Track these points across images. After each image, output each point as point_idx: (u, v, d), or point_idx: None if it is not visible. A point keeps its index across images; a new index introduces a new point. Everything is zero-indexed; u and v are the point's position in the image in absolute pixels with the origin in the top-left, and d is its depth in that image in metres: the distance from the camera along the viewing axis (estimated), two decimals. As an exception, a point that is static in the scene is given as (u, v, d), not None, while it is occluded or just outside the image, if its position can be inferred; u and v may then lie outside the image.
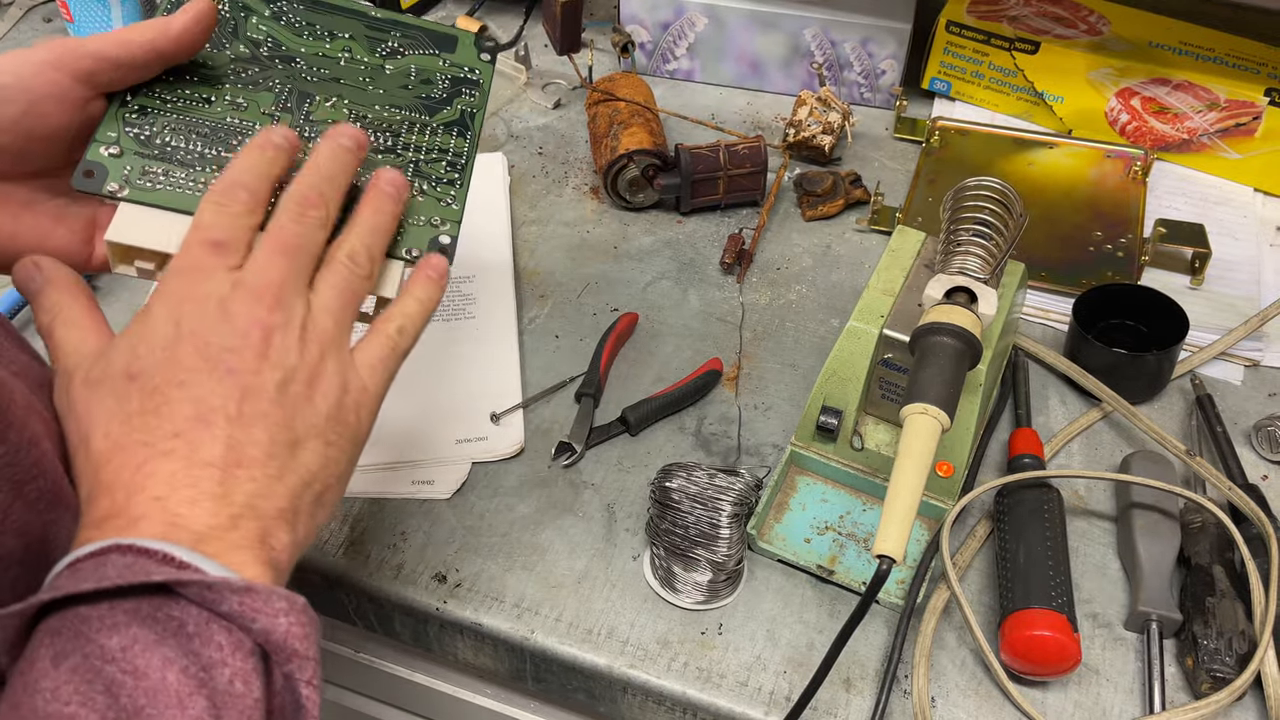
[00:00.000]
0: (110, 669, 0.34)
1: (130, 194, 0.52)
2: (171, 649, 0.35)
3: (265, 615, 0.37)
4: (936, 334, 0.58)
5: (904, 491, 0.53)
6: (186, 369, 0.41)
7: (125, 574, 0.35)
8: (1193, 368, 0.75)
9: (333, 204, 0.48)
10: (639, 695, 0.61)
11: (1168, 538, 0.63)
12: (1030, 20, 0.96)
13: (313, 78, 0.58)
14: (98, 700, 0.33)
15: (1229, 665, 0.57)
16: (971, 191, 0.64)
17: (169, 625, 0.36)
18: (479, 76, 0.61)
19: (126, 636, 0.35)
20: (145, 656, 0.35)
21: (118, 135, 0.53)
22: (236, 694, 0.36)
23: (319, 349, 0.45)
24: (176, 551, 0.37)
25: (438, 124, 0.59)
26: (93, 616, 0.35)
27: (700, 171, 0.86)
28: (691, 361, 0.77)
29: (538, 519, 0.67)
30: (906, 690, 0.59)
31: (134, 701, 0.34)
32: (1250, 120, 0.88)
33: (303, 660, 0.37)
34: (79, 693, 0.34)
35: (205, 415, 0.41)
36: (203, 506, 0.39)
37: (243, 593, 0.36)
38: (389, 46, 0.61)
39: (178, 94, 0.55)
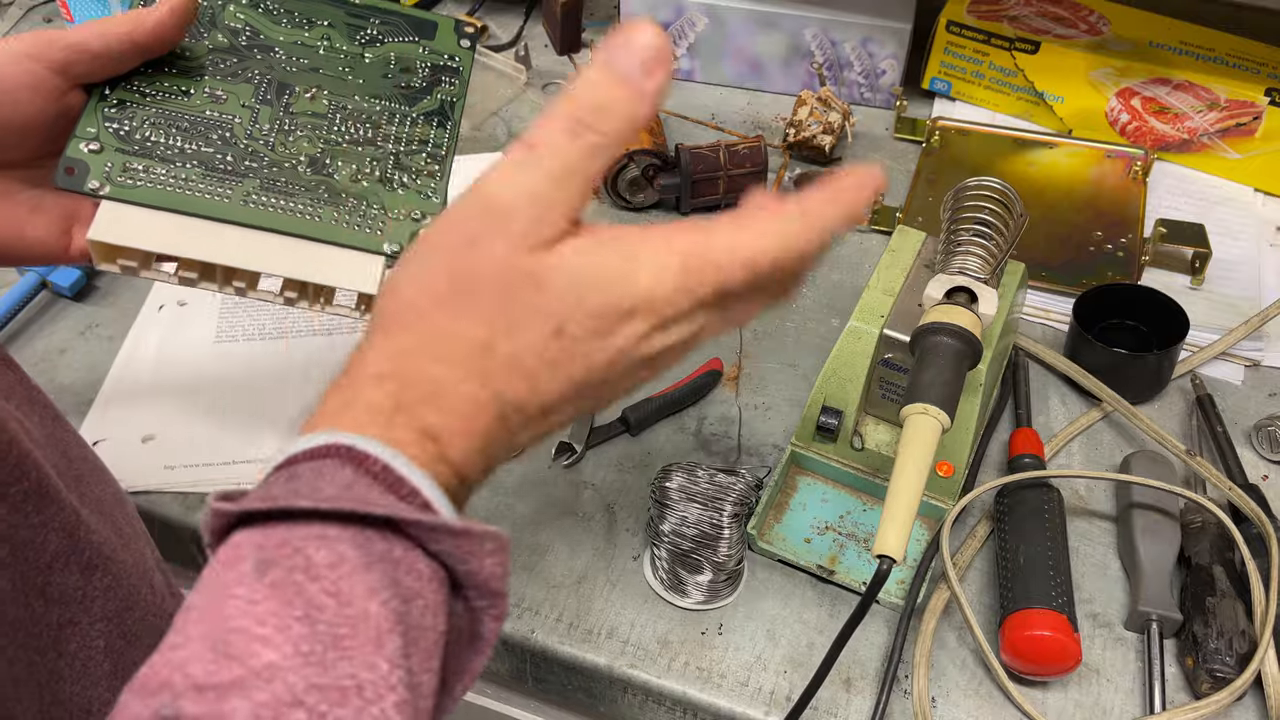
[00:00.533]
0: (314, 588, 0.32)
1: (112, 191, 0.52)
2: (378, 576, 0.33)
3: (475, 557, 0.35)
4: (937, 334, 0.58)
5: (904, 491, 0.53)
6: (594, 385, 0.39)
7: (344, 496, 0.33)
8: (1193, 368, 0.75)
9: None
10: (639, 695, 0.61)
11: (1168, 538, 0.63)
12: (1030, 20, 0.96)
13: (292, 68, 0.58)
14: (294, 629, 0.31)
15: (1229, 665, 0.57)
16: (972, 191, 0.64)
17: (378, 548, 0.33)
18: (459, 64, 0.60)
19: (335, 553, 0.32)
20: (351, 580, 0.32)
21: (97, 131, 0.53)
22: (425, 628, 0.34)
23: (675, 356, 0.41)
24: (396, 462, 0.34)
25: (418, 114, 0.58)
26: (301, 523, 0.33)
27: (700, 171, 0.86)
28: (691, 361, 0.77)
29: (538, 519, 0.67)
30: (907, 690, 0.59)
31: (334, 631, 0.31)
32: (1250, 120, 0.88)
33: (498, 599, 0.36)
34: (276, 614, 0.31)
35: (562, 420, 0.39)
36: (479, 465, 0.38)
37: (460, 535, 0.34)
38: (368, 34, 0.60)
39: (156, 86, 0.55)
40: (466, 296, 0.37)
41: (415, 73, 0.59)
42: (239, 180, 0.54)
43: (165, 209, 0.52)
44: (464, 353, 0.37)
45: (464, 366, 0.37)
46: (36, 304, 0.80)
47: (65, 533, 0.47)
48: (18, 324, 0.79)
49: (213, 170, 0.54)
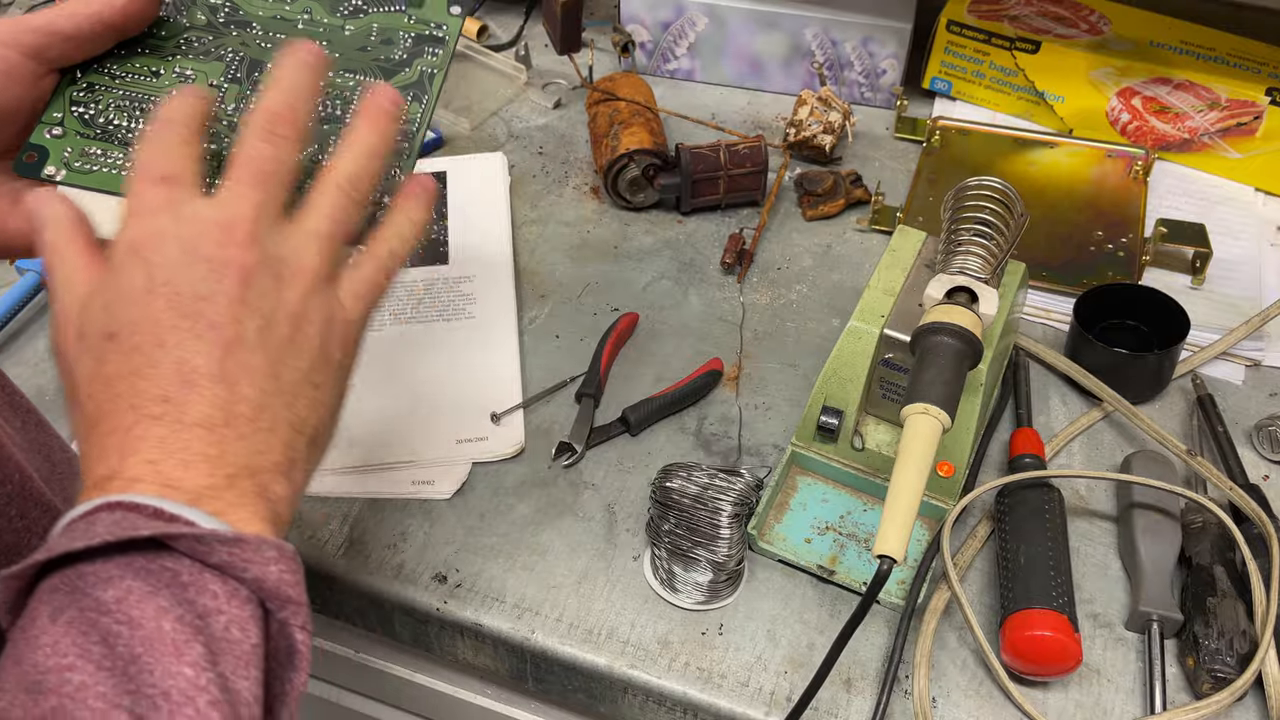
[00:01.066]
0: (106, 620, 0.34)
1: (67, 177, 0.51)
2: (166, 599, 0.35)
3: (256, 564, 0.37)
4: (937, 334, 0.58)
5: (905, 491, 0.53)
6: (165, 326, 0.40)
7: (114, 529, 0.35)
8: (1194, 367, 0.75)
9: (304, 122, 0.45)
10: (639, 695, 0.60)
11: (1169, 538, 0.63)
12: (1031, 20, 0.96)
13: (267, 44, 0.56)
14: (94, 651, 0.34)
15: (1230, 665, 0.57)
16: (972, 191, 0.64)
17: (163, 576, 0.36)
18: (445, 33, 0.58)
19: (121, 588, 0.35)
20: (140, 607, 0.35)
21: (62, 115, 0.52)
22: (233, 640, 0.36)
23: (301, 287, 0.42)
24: (166, 505, 0.37)
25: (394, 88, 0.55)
26: (88, 572, 0.35)
27: (700, 171, 0.86)
28: (692, 361, 0.77)
29: (538, 519, 0.67)
30: (907, 690, 0.59)
31: (130, 650, 0.34)
32: (1251, 120, 0.88)
33: (295, 606, 0.38)
34: (76, 645, 0.34)
35: (189, 376, 0.39)
36: (197, 468, 0.38)
37: (232, 543, 0.36)
38: (352, 4, 0.58)
39: (127, 68, 0.54)
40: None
41: (396, 44, 0.57)
42: None
43: (117, 194, 0.51)
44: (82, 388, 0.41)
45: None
46: (36, 304, 0.80)
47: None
48: (18, 324, 0.79)
49: None
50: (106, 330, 0.40)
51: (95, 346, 0.40)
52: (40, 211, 0.45)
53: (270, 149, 0.43)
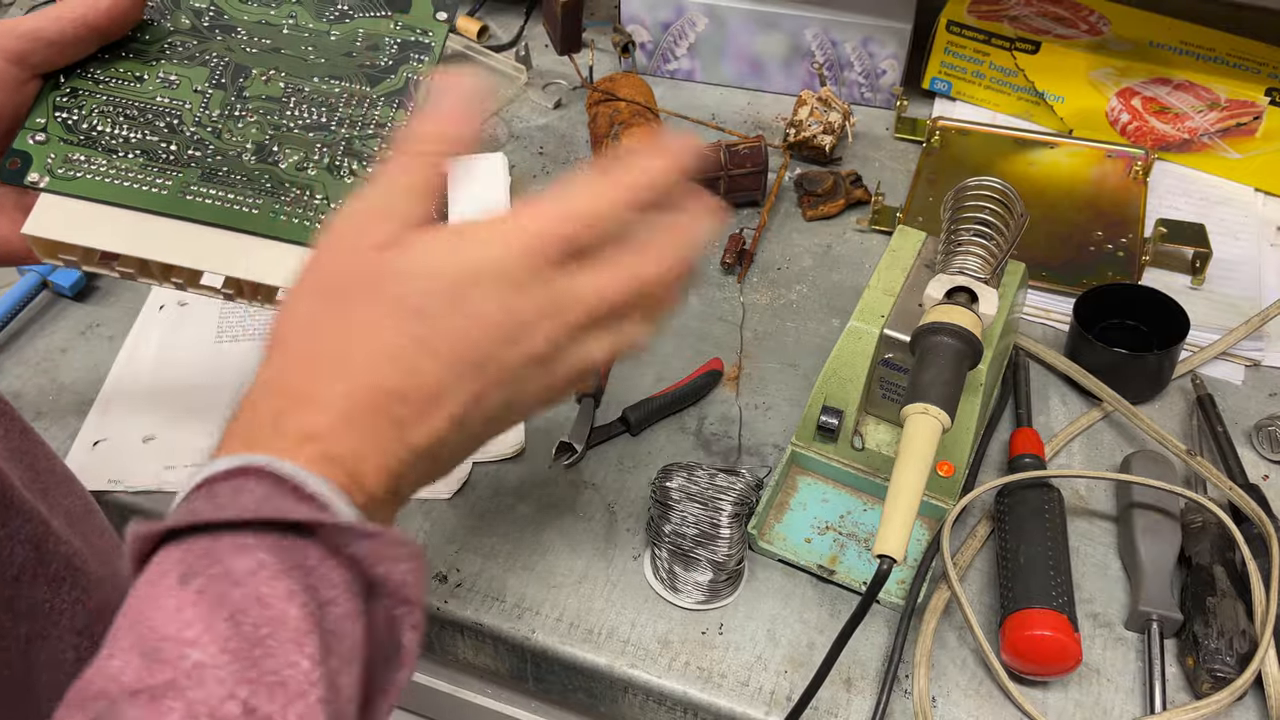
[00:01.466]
0: (236, 593, 0.33)
1: (50, 184, 0.50)
2: (295, 580, 0.34)
3: (388, 561, 0.36)
4: (937, 334, 0.58)
5: (905, 491, 0.53)
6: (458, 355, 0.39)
7: (264, 507, 0.35)
8: (1193, 367, 0.75)
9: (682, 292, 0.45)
10: (640, 695, 0.61)
11: (1168, 537, 0.63)
12: (1031, 20, 0.96)
13: (252, 49, 0.55)
14: (220, 628, 0.33)
15: (1230, 665, 0.57)
16: (972, 191, 0.64)
17: (294, 555, 0.35)
18: (431, 39, 0.57)
19: (254, 560, 0.34)
20: (271, 585, 0.34)
21: (46, 121, 0.52)
22: (343, 634, 0.35)
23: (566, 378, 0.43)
24: (320, 488, 0.36)
25: (379, 95, 0.55)
26: (223, 536, 0.35)
27: (700, 171, 0.86)
28: (692, 361, 0.77)
29: (538, 519, 0.67)
30: (907, 690, 0.59)
31: (256, 631, 0.33)
32: (1251, 120, 0.88)
33: (414, 607, 0.37)
34: (202, 617, 0.33)
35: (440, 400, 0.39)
36: (382, 480, 0.38)
37: (371, 536, 0.36)
38: (338, 10, 0.57)
39: (110, 72, 0.53)
40: (322, 307, 0.40)
41: (382, 50, 0.56)
42: (179, 171, 0.52)
43: (101, 201, 0.51)
44: (328, 357, 0.39)
45: (330, 369, 0.38)
46: (37, 304, 0.81)
47: (32, 545, 0.47)
48: (18, 324, 0.79)
49: (154, 160, 0.52)
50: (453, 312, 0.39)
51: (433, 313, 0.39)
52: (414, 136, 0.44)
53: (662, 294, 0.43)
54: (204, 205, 0.52)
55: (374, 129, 0.54)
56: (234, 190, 0.52)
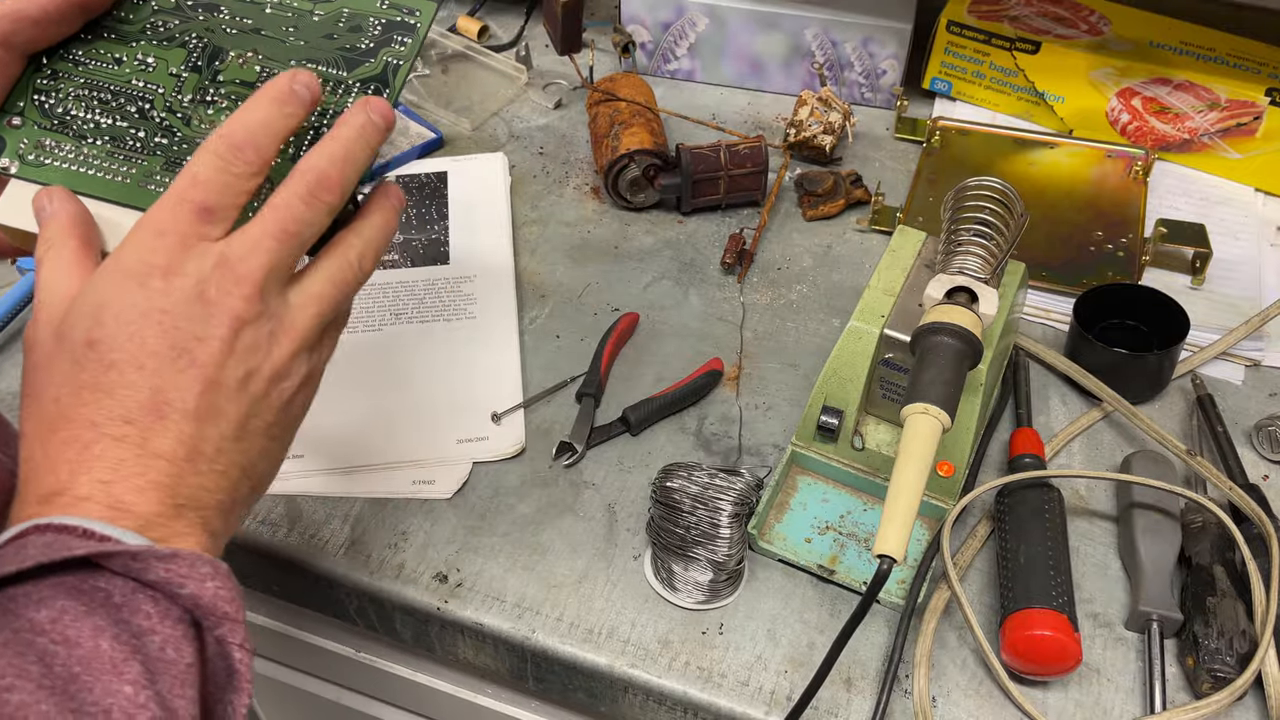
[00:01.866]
0: (42, 640, 0.34)
1: (20, 170, 0.50)
2: (101, 618, 0.35)
3: (193, 580, 0.37)
4: (937, 334, 0.58)
5: (905, 491, 0.53)
6: (149, 352, 0.40)
7: (46, 551, 0.36)
8: (1193, 367, 0.75)
9: (347, 190, 0.45)
10: (640, 695, 0.61)
11: (1168, 537, 0.63)
12: (1031, 20, 0.96)
13: (232, 29, 0.54)
14: (32, 670, 0.34)
15: (1230, 665, 0.57)
16: (972, 191, 0.64)
17: (96, 596, 0.36)
18: (417, 20, 0.55)
19: (55, 609, 0.35)
20: (76, 626, 0.35)
21: (25, 104, 0.51)
22: (169, 660, 0.36)
23: (290, 348, 0.43)
24: (101, 529, 0.37)
25: (354, 80, 0.54)
26: (19, 594, 0.36)
27: (701, 171, 0.86)
28: (692, 361, 0.77)
29: (538, 519, 0.67)
30: (907, 690, 0.59)
31: (69, 669, 0.34)
32: (1251, 120, 0.88)
33: (233, 623, 0.38)
34: (13, 666, 0.34)
35: (161, 406, 0.40)
36: (148, 496, 0.39)
37: (168, 560, 0.37)
38: None
39: (91, 53, 0.53)
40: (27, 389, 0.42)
41: (364, 31, 0.54)
42: (144, 159, 0.51)
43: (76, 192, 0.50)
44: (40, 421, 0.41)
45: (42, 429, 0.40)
46: (37, 304, 0.81)
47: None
48: (19, 324, 0.79)
49: (120, 147, 0.52)
50: (89, 337, 0.40)
51: (73, 350, 0.40)
52: (41, 205, 0.45)
53: (307, 211, 0.43)
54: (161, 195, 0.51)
55: None
56: None
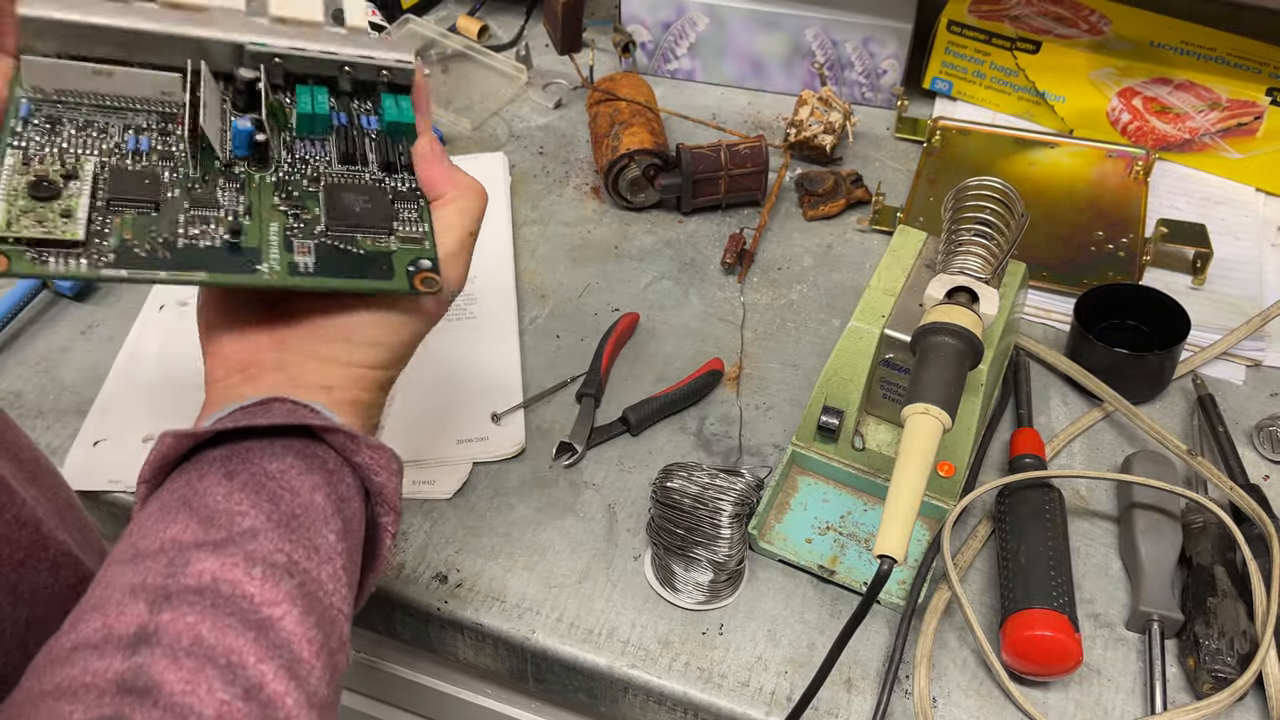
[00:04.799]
0: (273, 484, 0.42)
1: None
2: (319, 476, 0.43)
3: (384, 472, 0.45)
4: (938, 334, 0.58)
5: (905, 491, 0.53)
6: None
7: (289, 416, 0.43)
8: (1194, 367, 0.75)
9: None
10: (640, 695, 0.61)
11: (1169, 538, 0.63)
12: (1032, 20, 0.96)
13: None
14: (264, 505, 0.41)
15: (1230, 665, 0.57)
16: (973, 191, 0.64)
17: (315, 460, 0.43)
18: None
19: (284, 463, 0.42)
20: (300, 480, 0.42)
21: None
22: (354, 528, 0.44)
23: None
24: (324, 411, 0.44)
25: None
26: (255, 446, 0.43)
27: (701, 171, 0.86)
28: (692, 361, 0.77)
29: (539, 519, 0.67)
30: (908, 690, 0.59)
31: (292, 510, 0.41)
32: (1252, 120, 0.88)
33: (396, 516, 0.46)
34: (249, 499, 0.41)
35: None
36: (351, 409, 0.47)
37: (374, 449, 0.44)
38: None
39: None
40: None
41: None
42: None
43: None
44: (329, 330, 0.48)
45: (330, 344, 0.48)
46: (37, 304, 0.81)
47: (32, 528, 0.48)
48: (19, 324, 0.79)
49: None
50: None
51: None
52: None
53: None
54: None
55: None
56: None
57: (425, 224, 0.51)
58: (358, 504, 0.45)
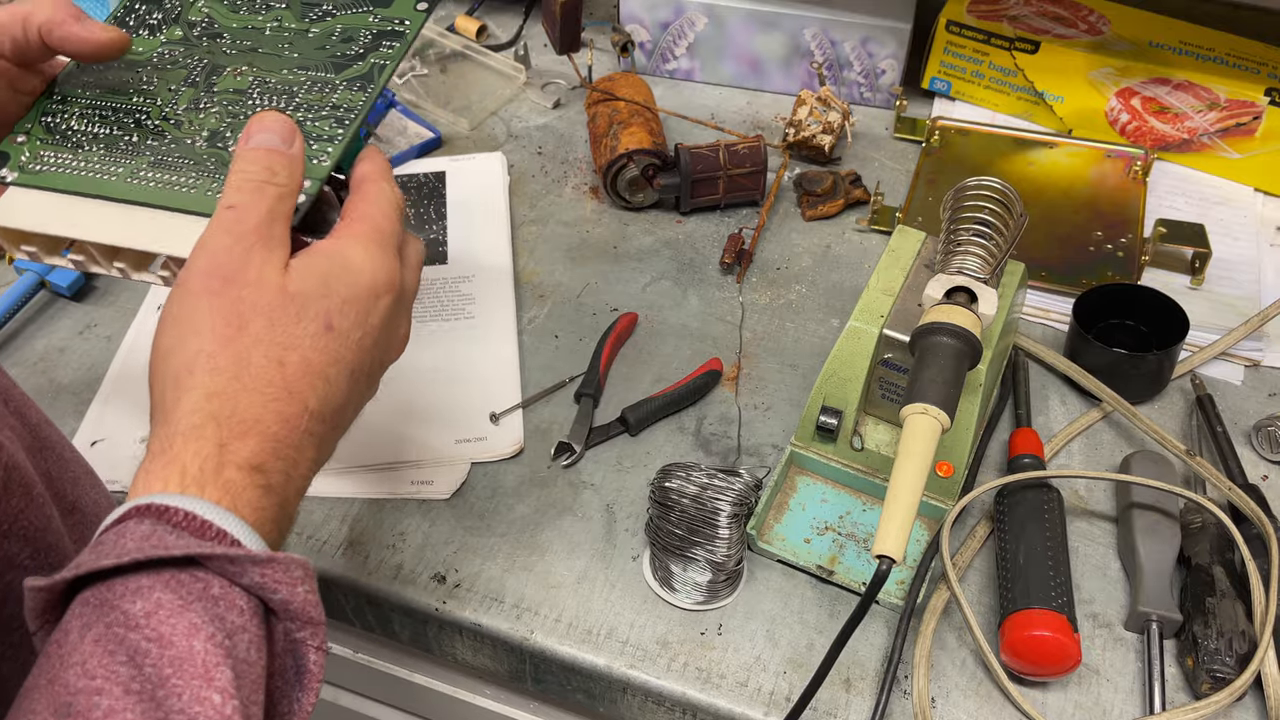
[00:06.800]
0: (135, 636, 0.34)
1: (18, 179, 0.53)
2: (197, 614, 0.34)
3: (285, 585, 0.37)
4: (936, 334, 0.58)
5: (904, 492, 0.53)
6: (365, 373, 0.45)
7: (145, 546, 0.35)
8: (1193, 367, 0.75)
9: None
10: (639, 695, 0.60)
11: (1168, 538, 0.63)
12: (1030, 20, 0.96)
13: (232, 50, 0.57)
14: (121, 672, 0.33)
15: (1229, 665, 0.57)
16: (971, 191, 0.64)
17: (194, 589, 0.35)
18: (406, 28, 0.58)
19: (151, 601, 0.34)
20: (170, 622, 0.34)
21: (32, 124, 0.54)
22: (251, 662, 0.35)
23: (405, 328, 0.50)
24: (199, 508, 0.37)
25: (341, 80, 0.56)
26: (117, 582, 0.35)
27: (700, 171, 0.86)
28: (691, 361, 0.77)
29: (537, 519, 0.67)
30: (906, 691, 0.59)
31: (159, 671, 0.33)
32: (1250, 120, 0.88)
33: (316, 627, 0.38)
34: (103, 665, 0.33)
35: (353, 418, 0.46)
36: (296, 479, 0.41)
37: (265, 564, 0.36)
38: (321, 10, 0.59)
39: (99, 79, 0.56)
40: (244, 329, 0.41)
41: (356, 40, 0.58)
42: (132, 158, 0.54)
43: (56, 190, 0.53)
44: (264, 376, 0.41)
45: (268, 389, 0.41)
46: (35, 304, 0.80)
47: (80, 540, 0.48)
48: (16, 323, 0.79)
49: (113, 150, 0.54)
50: (329, 322, 0.44)
51: (344, 328, 0.44)
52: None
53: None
54: (148, 189, 0.53)
55: (328, 111, 0.55)
56: (179, 173, 0.54)
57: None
58: (256, 630, 0.36)
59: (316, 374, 0.42)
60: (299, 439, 0.41)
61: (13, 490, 0.44)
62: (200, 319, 0.41)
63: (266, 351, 0.41)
